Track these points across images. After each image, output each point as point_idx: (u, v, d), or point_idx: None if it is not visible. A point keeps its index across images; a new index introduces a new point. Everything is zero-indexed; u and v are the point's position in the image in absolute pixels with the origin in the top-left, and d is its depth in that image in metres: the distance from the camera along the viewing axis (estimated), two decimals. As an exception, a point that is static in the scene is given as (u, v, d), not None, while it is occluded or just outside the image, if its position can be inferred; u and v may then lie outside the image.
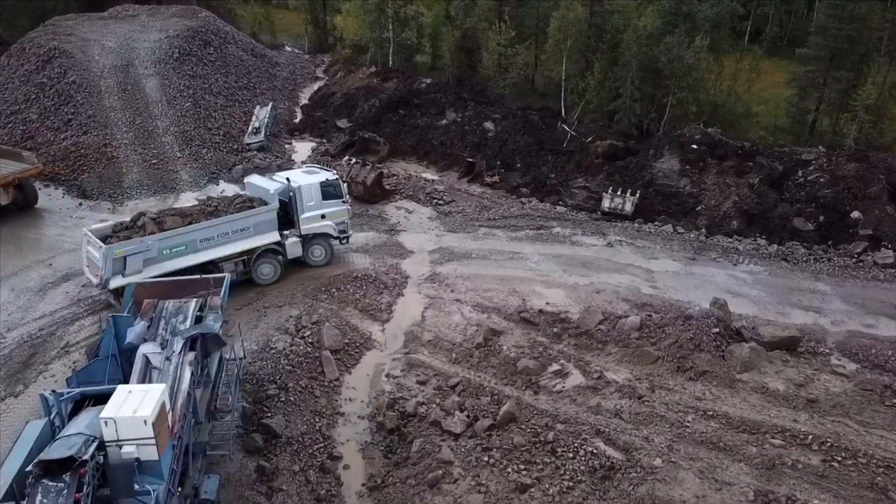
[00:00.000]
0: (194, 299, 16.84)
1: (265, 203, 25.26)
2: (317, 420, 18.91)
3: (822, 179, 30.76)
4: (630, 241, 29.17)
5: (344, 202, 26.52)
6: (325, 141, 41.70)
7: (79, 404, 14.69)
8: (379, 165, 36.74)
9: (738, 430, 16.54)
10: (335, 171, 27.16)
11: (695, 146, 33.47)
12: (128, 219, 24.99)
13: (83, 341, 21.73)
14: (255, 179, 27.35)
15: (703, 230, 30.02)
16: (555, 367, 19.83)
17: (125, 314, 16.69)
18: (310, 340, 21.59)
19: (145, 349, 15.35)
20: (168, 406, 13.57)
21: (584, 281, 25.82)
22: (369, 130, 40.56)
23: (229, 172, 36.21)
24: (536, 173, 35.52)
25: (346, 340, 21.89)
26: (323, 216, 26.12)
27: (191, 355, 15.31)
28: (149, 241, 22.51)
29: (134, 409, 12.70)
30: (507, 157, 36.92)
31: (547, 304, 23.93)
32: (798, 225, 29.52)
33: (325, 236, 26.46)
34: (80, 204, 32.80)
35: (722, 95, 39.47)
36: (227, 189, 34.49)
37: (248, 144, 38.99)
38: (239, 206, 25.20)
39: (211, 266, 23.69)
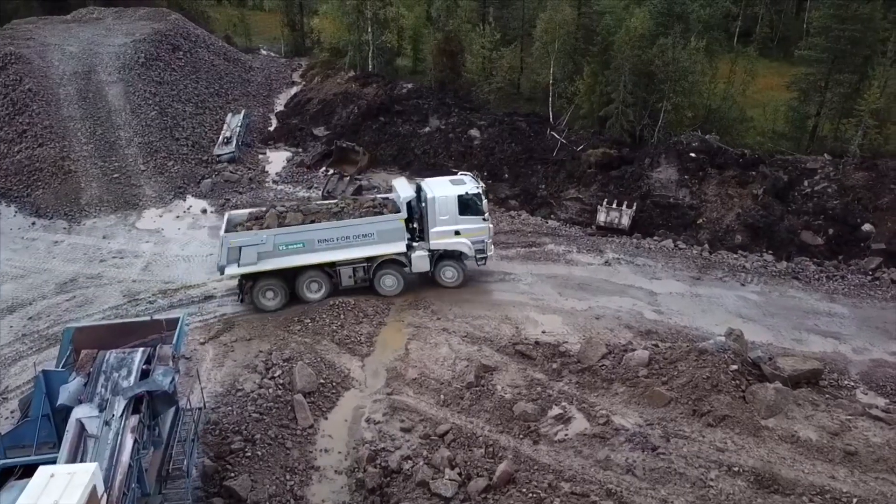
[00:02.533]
0: (140, 349, 14.49)
1: (398, 210, 23.71)
2: (288, 477, 16.63)
3: (829, 189, 28.96)
4: (629, 259, 27.15)
5: (484, 220, 24.46)
6: (301, 150, 39.35)
7: (6, 474, 12.56)
8: (358, 177, 34.54)
9: (769, 489, 14.48)
10: (481, 185, 25.00)
11: (693, 154, 31.55)
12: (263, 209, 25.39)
13: (24, 386, 19.30)
14: (398, 183, 25.47)
15: (706, 245, 28.08)
16: (556, 410, 17.69)
17: (59, 368, 14.38)
18: (280, 381, 19.30)
19: (80, 412, 13.00)
20: (102, 488, 11.31)
21: (582, 305, 23.78)
22: (348, 139, 38.27)
23: (197, 186, 33.80)
24: (526, 184, 33.46)
25: (322, 380, 19.59)
26: (457, 232, 24.13)
27: (134, 419, 13.00)
28: (264, 235, 22.65)
29: (55, 499, 10.46)
30: (494, 166, 34.85)
31: (543, 332, 21.87)
32: (807, 239, 27.68)
33: (458, 255, 24.56)
34: (34, 223, 30.36)
35: (717, 99, 37.69)
36: (195, 204, 32.16)
37: (218, 156, 36.54)
38: (366, 211, 24.06)
39: (329, 268, 23.46)
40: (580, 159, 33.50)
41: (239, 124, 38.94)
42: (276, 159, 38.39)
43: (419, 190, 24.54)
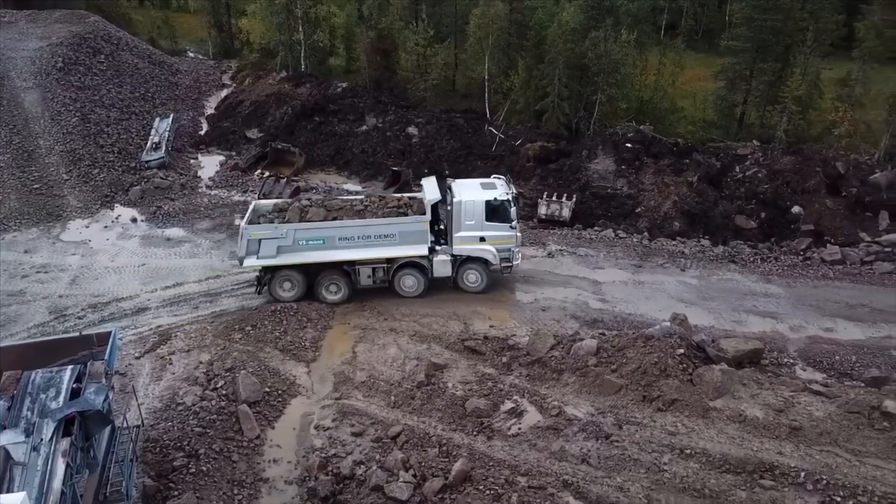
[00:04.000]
0: (70, 367, 13.61)
1: (423, 211, 22.91)
2: (236, 492, 15.92)
3: (759, 174, 29.89)
4: (571, 250, 27.34)
5: (512, 227, 23.33)
6: (234, 153, 38.23)
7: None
8: (295, 179, 33.78)
9: (721, 469, 14.69)
10: (513, 192, 23.76)
11: (629, 145, 32.09)
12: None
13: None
14: (427, 184, 24.27)
15: (646, 233, 28.56)
16: (508, 404, 17.55)
17: (-21, 393, 13.34)
18: (223, 392, 18.52)
19: (3, 439, 12.09)
20: (32, 518, 10.51)
21: (528, 298, 23.79)
22: (283, 140, 37.42)
23: (126, 194, 32.33)
24: (466, 180, 33.31)
25: (267, 388, 18.91)
26: (482, 239, 23.24)
27: (65, 442, 12.18)
28: (284, 229, 22.45)
29: (-21, 535, 9.67)
30: (433, 163, 34.55)
31: (491, 327, 21.74)
32: (740, 223, 28.50)
33: (481, 261, 23.60)
34: (-54, 240, 28.38)
35: (648, 91, 38.48)
36: (123, 213, 30.77)
37: (146, 162, 35.08)
38: (390, 210, 23.50)
39: (348, 266, 23.07)
40: (518, 154, 33.71)
41: (168, 129, 37.59)
42: (209, 163, 37.23)
43: (447, 191, 23.79)
